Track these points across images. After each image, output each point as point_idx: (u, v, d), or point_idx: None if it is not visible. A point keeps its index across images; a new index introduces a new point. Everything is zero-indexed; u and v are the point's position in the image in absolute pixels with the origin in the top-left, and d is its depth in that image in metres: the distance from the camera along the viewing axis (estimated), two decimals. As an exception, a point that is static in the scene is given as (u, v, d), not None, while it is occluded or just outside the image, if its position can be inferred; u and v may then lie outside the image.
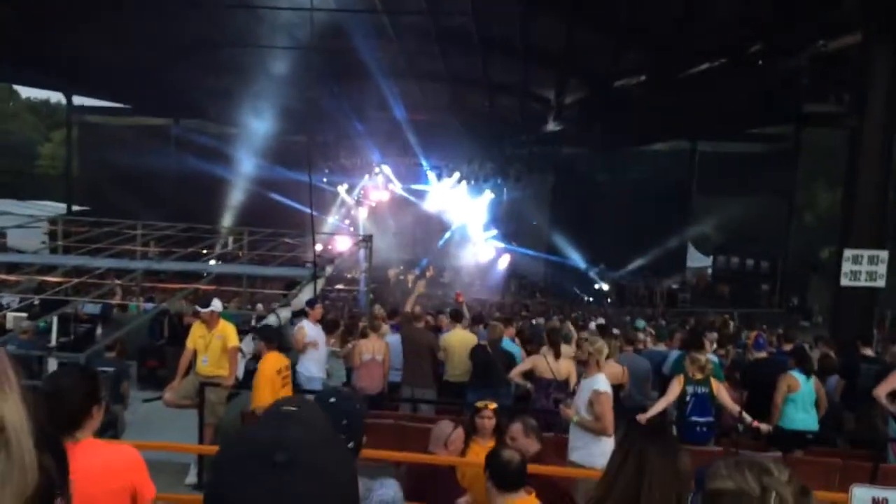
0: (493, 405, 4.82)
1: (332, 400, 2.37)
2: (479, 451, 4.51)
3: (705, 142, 32.58)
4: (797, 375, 7.01)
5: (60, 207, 30.86)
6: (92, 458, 2.45)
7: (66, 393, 2.50)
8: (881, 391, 7.01)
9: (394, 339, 8.92)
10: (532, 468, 4.52)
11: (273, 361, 6.48)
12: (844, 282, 13.07)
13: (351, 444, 2.21)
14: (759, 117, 26.04)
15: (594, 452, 5.46)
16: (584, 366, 6.06)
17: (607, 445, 5.51)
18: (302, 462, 0.94)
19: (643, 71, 21.86)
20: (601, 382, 5.64)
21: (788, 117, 26.08)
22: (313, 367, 8.33)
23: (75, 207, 30.59)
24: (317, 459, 0.96)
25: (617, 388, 7.44)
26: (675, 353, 8.51)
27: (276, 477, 0.92)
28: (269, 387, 6.23)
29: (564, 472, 4.72)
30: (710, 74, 19.42)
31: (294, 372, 8.61)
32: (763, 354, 8.19)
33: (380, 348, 8.41)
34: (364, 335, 8.76)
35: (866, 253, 12.98)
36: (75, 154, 33.32)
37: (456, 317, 9.37)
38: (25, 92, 47.55)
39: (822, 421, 7.14)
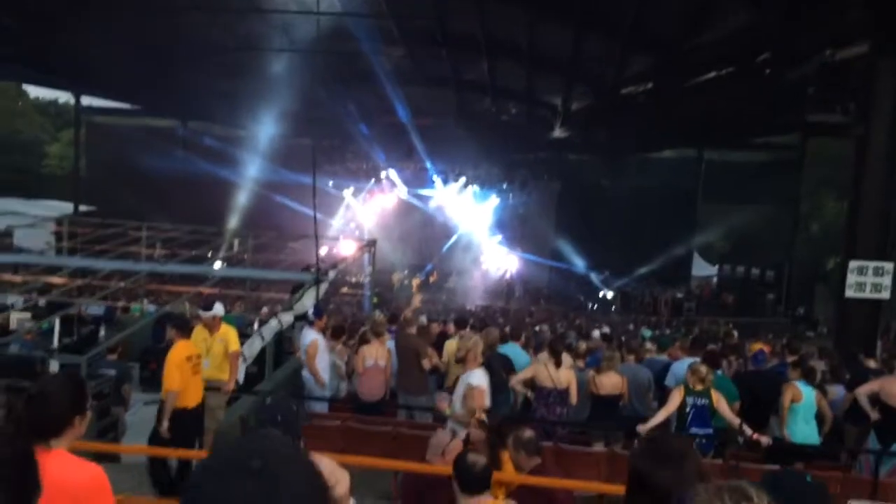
0: (482, 416, 4.76)
1: (269, 400, 2.47)
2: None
3: (711, 150, 32.52)
4: (801, 386, 6.98)
5: (67, 207, 30.99)
6: (56, 471, 2.29)
7: (49, 399, 2.44)
8: (863, 390, 7.01)
9: (391, 344, 8.87)
10: (528, 480, 4.53)
11: (182, 349, 6.53)
12: (849, 293, 13.04)
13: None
14: (765, 126, 26.02)
15: None
16: (463, 362, 6.09)
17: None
18: (273, 469, 1.07)
19: (650, 78, 21.84)
20: (476, 377, 5.70)
21: (794, 127, 26.05)
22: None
23: (82, 207, 30.72)
24: (287, 468, 1.10)
25: (617, 398, 7.43)
26: (678, 364, 8.47)
27: (251, 481, 1.05)
28: (178, 373, 6.33)
29: (552, 482, 4.66)
30: (716, 83, 19.38)
31: (300, 378, 8.62)
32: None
33: (382, 354, 8.33)
34: (365, 340, 8.70)
35: (871, 264, 12.94)
36: (83, 154, 33.47)
37: (461, 324, 9.32)
38: (34, 92, 47.79)
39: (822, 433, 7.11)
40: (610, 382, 7.36)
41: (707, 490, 1.47)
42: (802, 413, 6.87)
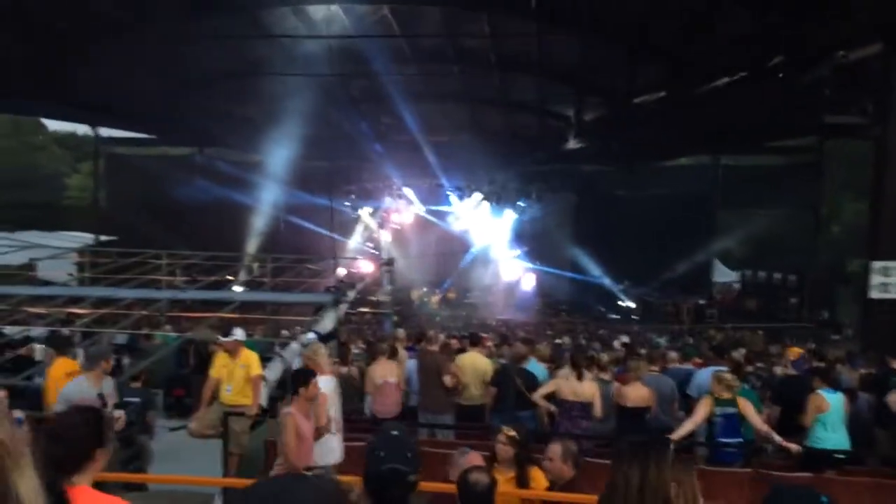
0: (511, 432, 4.69)
1: (395, 433, 2.48)
2: (500, 480, 4.37)
3: (728, 155, 32.30)
4: (826, 395, 6.85)
5: (88, 238, 31.26)
6: None
7: (69, 434, 2.36)
8: None
9: (411, 363, 8.81)
10: (558, 496, 4.48)
11: (61, 366, 6.89)
12: (874, 294, 12.88)
13: (412, 478, 2.38)
14: (782, 130, 25.83)
15: (321, 451, 5.70)
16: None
17: (332, 443, 5.84)
18: None
19: (662, 86, 21.79)
20: (321, 383, 5.78)
21: (811, 129, 25.84)
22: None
23: (103, 237, 30.98)
24: None
25: (644, 409, 7.34)
26: (701, 372, 8.39)
27: None
28: (55, 389, 6.50)
29: (580, 498, 4.56)
30: (730, 88, 19.29)
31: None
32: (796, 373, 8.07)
33: (392, 370, 8.21)
34: (374, 359, 8.61)
35: (895, 264, 12.78)
36: (102, 185, 33.83)
37: (474, 341, 9.27)
38: (53, 125, 48.42)
39: (852, 439, 6.98)
40: (636, 394, 7.28)
41: None
42: (831, 421, 6.74)
